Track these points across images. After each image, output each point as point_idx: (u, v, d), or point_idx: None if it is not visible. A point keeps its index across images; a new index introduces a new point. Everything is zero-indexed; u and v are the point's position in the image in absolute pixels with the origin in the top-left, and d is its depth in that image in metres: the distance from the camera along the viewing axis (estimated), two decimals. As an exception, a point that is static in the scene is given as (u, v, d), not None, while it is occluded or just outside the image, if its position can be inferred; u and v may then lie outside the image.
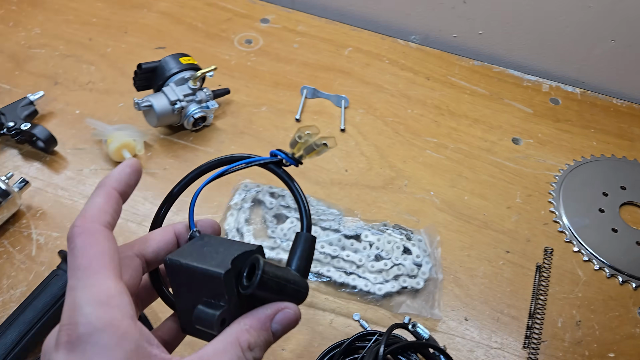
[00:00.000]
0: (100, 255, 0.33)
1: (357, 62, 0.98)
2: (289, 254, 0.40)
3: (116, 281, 0.32)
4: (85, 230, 0.34)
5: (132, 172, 0.39)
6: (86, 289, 0.31)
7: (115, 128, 0.80)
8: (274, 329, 0.36)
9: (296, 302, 0.38)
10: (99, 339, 0.30)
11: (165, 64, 0.82)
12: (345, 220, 0.74)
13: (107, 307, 0.31)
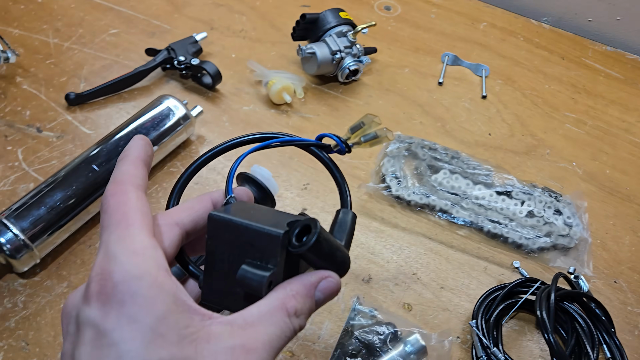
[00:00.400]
0: (133, 211, 0.32)
1: (492, 36, 1.01)
2: (331, 228, 0.39)
3: (149, 235, 0.32)
4: (117, 192, 0.33)
5: (145, 143, 0.38)
6: (120, 241, 0.30)
7: (274, 72, 0.84)
8: (317, 297, 0.35)
9: (340, 273, 0.36)
10: (137, 288, 0.28)
11: (325, 17, 0.86)
12: (495, 177, 0.76)
13: (143, 257, 0.30)
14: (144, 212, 0.33)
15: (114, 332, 0.27)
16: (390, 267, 0.68)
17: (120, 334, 0.27)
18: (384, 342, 0.59)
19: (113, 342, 0.27)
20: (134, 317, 0.28)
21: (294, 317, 0.33)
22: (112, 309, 0.28)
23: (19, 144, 0.75)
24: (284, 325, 0.32)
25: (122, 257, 0.29)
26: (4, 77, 0.83)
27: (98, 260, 0.30)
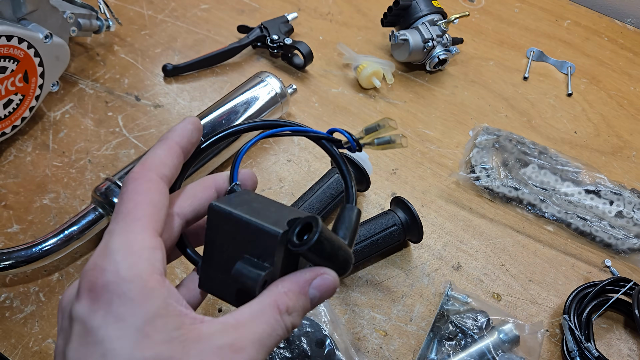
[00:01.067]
0: (146, 204, 0.31)
1: (576, 34, 1.00)
2: (335, 224, 0.37)
3: (153, 234, 0.31)
4: (140, 177, 0.32)
5: (194, 129, 0.36)
6: (121, 235, 0.30)
7: (363, 57, 0.85)
8: (312, 294, 0.33)
9: (341, 272, 0.35)
10: (126, 290, 0.28)
11: (417, 4, 0.86)
12: (585, 175, 0.76)
13: (138, 258, 0.29)
14: (157, 206, 0.32)
15: (100, 330, 0.27)
16: (479, 256, 0.69)
17: (106, 332, 0.27)
18: (480, 328, 0.60)
19: (99, 340, 0.27)
20: (121, 317, 0.27)
21: (286, 314, 0.32)
22: (100, 307, 0.28)
23: (119, 111, 0.77)
24: (275, 323, 0.31)
25: (118, 255, 0.29)
26: (103, 44, 0.85)
27: (96, 252, 0.30)
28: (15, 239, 0.64)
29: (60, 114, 0.76)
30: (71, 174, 0.70)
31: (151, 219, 0.31)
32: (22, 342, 0.58)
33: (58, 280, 0.62)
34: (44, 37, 0.68)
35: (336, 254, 0.33)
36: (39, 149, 0.72)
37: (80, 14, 0.77)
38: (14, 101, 0.68)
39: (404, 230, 0.65)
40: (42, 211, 0.67)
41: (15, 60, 0.66)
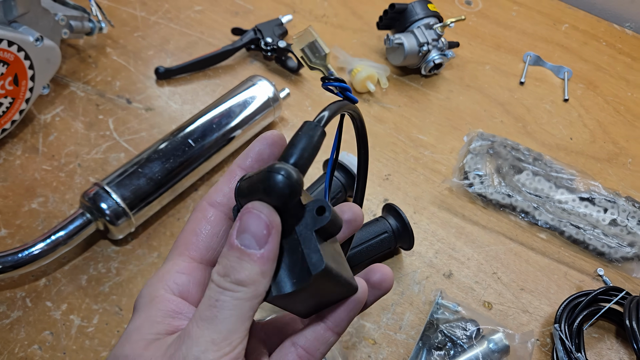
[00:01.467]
0: (187, 231, 0.35)
1: (574, 39, 0.99)
2: (289, 143, 0.31)
3: (186, 260, 0.34)
4: (195, 208, 0.35)
5: (266, 144, 0.35)
6: (163, 263, 0.35)
7: (358, 60, 0.84)
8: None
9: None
10: (137, 303, 0.33)
11: (413, 8, 0.85)
12: (580, 182, 0.76)
13: (157, 280, 0.33)
14: (198, 234, 0.34)
15: None
16: (470, 264, 0.68)
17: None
18: (470, 338, 0.60)
19: None
20: (130, 322, 0.33)
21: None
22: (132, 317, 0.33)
23: (109, 114, 0.77)
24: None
25: (151, 278, 0.34)
26: (95, 46, 0.85)
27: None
28: (3, 243, 0.64)
29: (50, 117, 0.75)
30: (60, 178, 0.70)
31: (187, 247, 0.34)
32: (7, 347, 0.57)
33: (45, 286, 0.61)
34: (35, 40, 0.67)
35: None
36: (28, 152, 0.72)
37: (72, 16, 0.76)
38: (3, 104, 0.68)
39: (395, 238, 0.65)
40: (30, 215, 0.66)
41: (5, 64, 0.65)
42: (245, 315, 0.29)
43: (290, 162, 0.29)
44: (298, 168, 0.29)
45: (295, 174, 0.28)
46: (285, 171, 0.28)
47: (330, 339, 0.33)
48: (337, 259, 0.31)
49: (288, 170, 0.28)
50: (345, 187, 0.68)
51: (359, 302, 0.33)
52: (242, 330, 0.29)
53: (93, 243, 0.65)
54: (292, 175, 0.28)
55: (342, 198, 0.69)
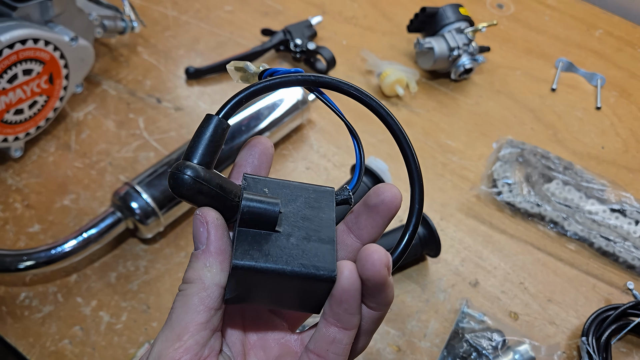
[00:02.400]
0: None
1: (608, 45, 0.97)
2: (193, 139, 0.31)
3: None
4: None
5: (257, 154, 0.34)
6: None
7: (387, 63, 0.84)
8: None
9: None
10: None
11: (444, 12, 0.84)
12: (611, 193, 0.74)
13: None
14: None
15: None
16: (497, 273, 0.68)
17: None
18: (495, 348, 0.59)
19: None
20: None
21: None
22: None
23: (140, 113, 0.78)
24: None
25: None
26: (127, 45, 0.86)
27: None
28: (36, 238, 0.66)
29: (83, 115, 0.77)
30: (91, 176, 0.71)
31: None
32: (39, 341, 0.59)
33: (76, 282, 0.63)
34: (70, 40, 0.69)
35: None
36: (61, 150, 0.73)
37: (105, 15, 0.77)
38: (38, 102, 0.69)
39: (421, 245, 0.65)
40: (62, 212, 0.68)
41: (41, 63, 0.66)
42: (194, 308, 0.30)
43: (192, 160, 0.30)
44: (198, 162, 0.30)
45: (200, 170, 0.30)
46: (187, 169, 0.29)
47: (337, 336, 0.30)
48: (285, 251, 0.30)
49: (190, 166, 0.30)
50: (372, 192, 0.68)
51: (341, 290, 0.29)
52: (192, 324, 0.30)
53: (122, 241, 0.66)
54: (195, 172, 0.29)
55: (369, 203, 0.69)
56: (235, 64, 0.34)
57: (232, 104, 0.32)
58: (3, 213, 0.67)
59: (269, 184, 0.33)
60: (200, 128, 0.31)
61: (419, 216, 0.33)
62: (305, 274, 0.30)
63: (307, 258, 0.30)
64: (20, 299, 0.61)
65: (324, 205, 0.33)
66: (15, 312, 0.60)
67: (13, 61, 0.63)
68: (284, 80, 0.32)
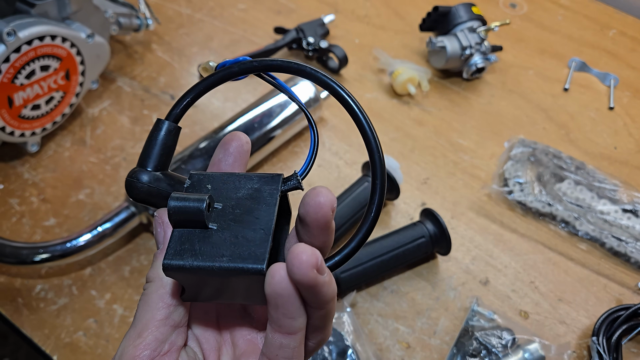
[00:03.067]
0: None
1: (621, 45, 0.96)
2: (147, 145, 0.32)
3: None
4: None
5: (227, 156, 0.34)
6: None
7: (399, 62, 0.84)
8: None
9: None
10: None
11: (457, 11, 0.84)
12: (623, 193, 0.74)
13: None
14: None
15: None
16: (507, 272, 0.68)
17: None
18: (505, 347, 0.59)
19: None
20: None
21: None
22: None
23: (154, 109, 0.79)
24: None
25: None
26: (141, 42, 0.87)
27: None
28: (52, 232, 0.67)
29: (98, 111, 0.78)
30: (106, 171, 0.72)
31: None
32: (54, 332, 0.60)
33: (90, 275, 0.64)
34: (87, 37, 0.70)
35: None
36: (77, 145, 0.74)
37: (121, 13, 0.78)
38: (55, 98, 0.70)
39: (432, 243, 0.65)
40: (77, 206, 0.69)
41: (58, 59, 0.67)
42: (154, 306, 0.31)
43: (144, 165, 0.32)
44: (151, 167, 0.32)
45: (146, 175, 0.31)
46: (135, 174, 0.32)
47: (284, 342, 0.29)
48: (216, 248, 0.29)
49: (137, 172, 0.32)
50: (383, 190, 0.68)
51: (274, 296, 0.27)
52: (152, 321, 0.31)
53: (136, 235, 0.67)
54: (140, 177, 0.31)
55: (380, 201, 0.69)
56: (203, 65, 0.35)
57: (181, 107, 0.32)
58: (20, 207, 0.68)
59: (213, 179, 0.32)
60: (151, 133, 0.32)
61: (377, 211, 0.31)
62: (233, 269, 0.29)
63: (236, 252, 0.29)
64: (36, 291, 0.62)
65: (267, 195, 0.31)
66: (31, 303, 0.61)
67: (31, 57, 0.64)
68: (225, 73, 0.32)
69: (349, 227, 0.66)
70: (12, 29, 0.61)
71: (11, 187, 0.70)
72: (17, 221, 0.67)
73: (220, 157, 0.34)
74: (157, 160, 0.32)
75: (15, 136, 0.68)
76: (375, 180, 0.31)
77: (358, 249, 0.31)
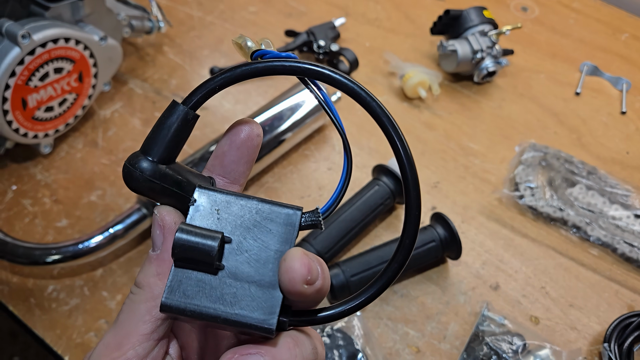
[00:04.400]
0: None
1: (634, 49, 0.96)
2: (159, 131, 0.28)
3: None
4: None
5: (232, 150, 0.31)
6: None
7: (410, 65, 0.84)
8: None
9: None
10: None
11: (468, 14, 0.84)
12: (636, 199, 0.73)
13: None
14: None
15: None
16: (518, 277, 0.67)
17: None
18: (515, 352, 0.59)
19: None
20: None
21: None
22: None
23: (165, 111, 0.79)
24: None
25: None
26: (153, 45, 0.87)
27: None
28: (64, 233, 0.67)
29: (110, 113, 0.78)
30: (118, 172, 0.72)
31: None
32: (66, 333, 0.60)
33: (101, 276, 0.64)
34: (100, 39, 0.70)
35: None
36: (89, 147, 0.75)
37: (133, 15, 0.79)
38: (68, 100, 0.71)
39: (442, 247, 0.65)
40: (89, 207, 0.69)
41: (71, 61, 0.68)
42: (140, 317, 0.28)
43: (147, 152, 0.28)
44: (155, 157, 0.27)
45: (147, 164, 0.27)
46: (137, 162, 0.27)
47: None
48: (219, 292, 0.27)
49: (139, 160, 0.27)
50: (394, 193, 0.68)
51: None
52: (135, 334, 0.28)
53: (147, 237, 0.67)
54: (142, 167, 0.27)
55: (390, 205, 0.69)
56: (237, 39, 0.30)
57: (203, 94, 0.28)
58: (32, 207, 0.69)
59: (223, 202, 0.28)
60: (163, 117, 0.28)
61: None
62: (239, 323, 0.26)
63: (244, 303, 0.27)
64: (48, 291, 0.63)
65: (283, 232, 0.28)
66: (43, 304, 0.62)
67: (45, 60, 0.65)
68: (266, 67, 0.27)
69: (359, 231, 0.66)
70: (26, 31, 0.61)
71: (24, 188, 0.70)
72: (29, 222, 0.68)
73: (225, 149, 0.30)
74: (165, 150, 0.27)
75: (29, 137, 0.68)
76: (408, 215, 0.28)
77: (385, 288, 0.30)
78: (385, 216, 0.71)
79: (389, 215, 0.71)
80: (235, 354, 0.26)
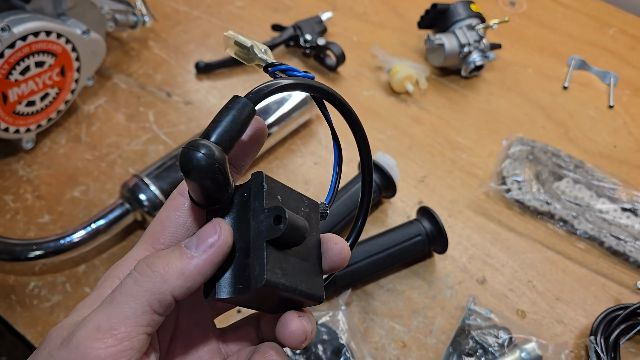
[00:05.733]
0: (156, 224, 0.31)
1: (622, 43, 0.96)
2: (213, 119, 0.29)
3: (142, 254, 0.31)
4: (170, 196, 0.32)
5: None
6: (127, 254, 0.32)
7: (397, 60, 0.84)
8: None
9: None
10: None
11: (455, 8, 0.84)
12: (622, 192, 0.73)
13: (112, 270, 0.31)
14: (162, 227, 0.31)
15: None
16: (505, 271, 0.67)
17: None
18: (501, 346, 0.59)
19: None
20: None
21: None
22: None
23: (150, 106, 0.78)
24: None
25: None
26: (138, 39, 0.86)
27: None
28: (46, 229, 0.66)
29: (94, 108, 0.77)
30: (101, 168, 0.71)
31: (152, 236, 0.31)
32: (47, 330, 0.59)
33: (84, 272, 0.63)
34: (82, 33, 0.69)
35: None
36: (72, 142, 0.74)
37: (117, 9, 0.78)
38: (50, 94, 0.70)
39: (428, 241, 0.64)
40: (72, 203, 0.68)
41: (53, 55, 0.67)
42: (141, 307, 0.26)
43: (211, 140, 0.27)
44: (220, 146, 0.27)
45: (217, 152, 0.26)
46: (205, 148, 0.26)
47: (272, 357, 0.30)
48: (294, 269, 0.29)
49: (208, 146, 0.26)
50: (380, 188, 0.68)
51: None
52: (132, 324, 0.26)
53: (130, 233, 0.66)
54: (212, 153, 0.26)
55: (377, 199, 0.69)
56: (238, 39, 0.32)
57: (267, 92, 0.29)
58: (14, 203, 0.68)
59: (281, 190, 0.31)
60: (224, 109, 0.28)
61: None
62: (306, 294, 0.30)
63: (305, 277, 0.30)
64: (30, 288, 0.62)
65: (314, 221, 0.32)
66: (24, 301, 0.61)
67: (26, 53, 0.64)
68: (312, 85, 0.31)
69: (345, 225, 0.66)
70: (6, 24, 0.60)
71: (5, 183, 0.69)
72: (11, 218, 0.67)
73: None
74: (225, 139, 0.27)
75: (10, 132, 0.67)
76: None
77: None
78: (371, 210, 0.70)
79: (375, 210, 0.70)
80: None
